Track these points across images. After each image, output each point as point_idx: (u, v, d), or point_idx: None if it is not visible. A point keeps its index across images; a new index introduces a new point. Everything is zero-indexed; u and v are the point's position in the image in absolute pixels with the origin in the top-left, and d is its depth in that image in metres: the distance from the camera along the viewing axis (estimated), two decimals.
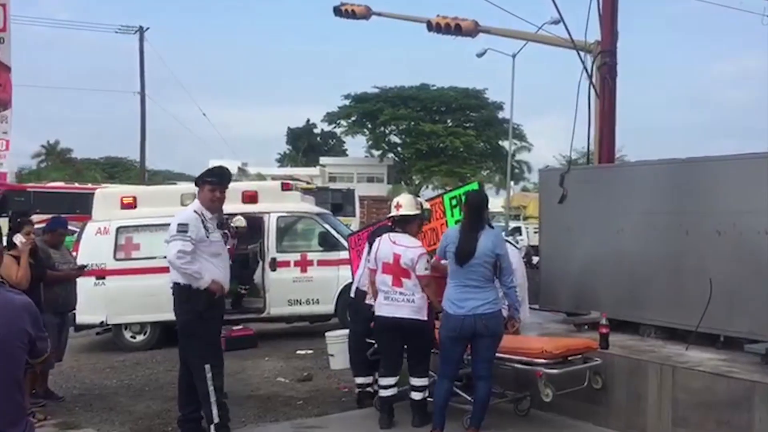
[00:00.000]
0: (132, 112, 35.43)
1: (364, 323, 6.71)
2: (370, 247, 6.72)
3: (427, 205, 6.99)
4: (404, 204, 6.42)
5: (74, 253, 10.83)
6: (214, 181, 5.95)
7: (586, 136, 7.55)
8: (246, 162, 56.29)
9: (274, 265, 11.19)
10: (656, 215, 6.59)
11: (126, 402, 7.47)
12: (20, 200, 32.25)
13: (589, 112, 7.53)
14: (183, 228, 5.64)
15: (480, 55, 29.58)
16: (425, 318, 6.10)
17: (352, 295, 7.14)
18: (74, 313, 10.34)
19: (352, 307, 7.14)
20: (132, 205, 11.01)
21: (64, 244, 7.79)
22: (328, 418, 6.63)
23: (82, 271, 7.69)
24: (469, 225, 5.62)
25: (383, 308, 6.19)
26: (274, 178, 29.44)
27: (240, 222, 10.96)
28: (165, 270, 6.18)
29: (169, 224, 7.64)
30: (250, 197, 11.39)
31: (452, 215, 8.44)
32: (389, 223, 6.94)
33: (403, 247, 6.17)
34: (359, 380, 6.93)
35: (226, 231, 10.54)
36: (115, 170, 63.30)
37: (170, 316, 6.69)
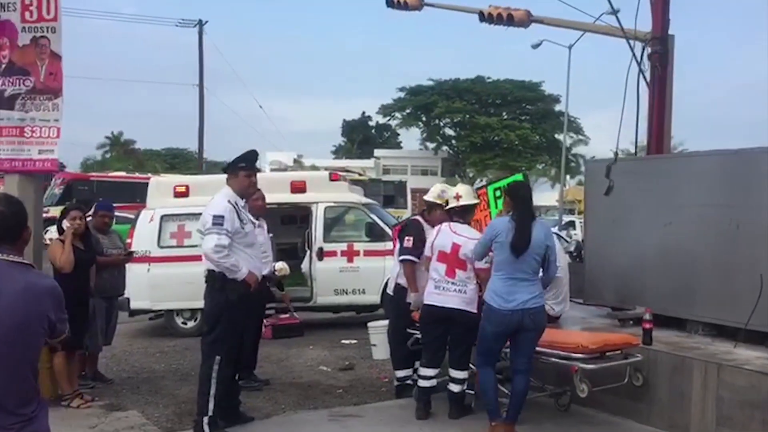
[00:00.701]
0: (193, 105, 36.01)
1: (404, 317, 6.69)
2: (401, 244, 6.69)
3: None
4: (464, 194, 6.39)
5: (129, 240, 11.14)
6: (249, 166, 5.97)
7: (635, 127, 7.37)
8: (302, 154, 56.89)
9: (321, 254, 11.24)
10: (706, 208, 6.39)
11: (171, 386, 7.60)
12: (84, 189, 33.34)
13: (638, 102, 7.35)
14: (219, 221, 5.56)
15: (535, 47, 29.15)
16: (475, 311, 6.03)
17: (389, 291, 7.11)
18: (128, 298, 10.75)
19: (391, 302, 7.10)
20: (185, 194, 11.18)
21: (112, 229, 7.94)
22: (366, 408, 6.64)
23: (130, 256, 7.83)
24: (523, 215, 5.46)
25: (433, 297, 6.14)
26: (327, 169, 29.67)
27: (284, 271, 10.92)
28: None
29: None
30: (298, 187, 11.47)
31: (496, 206, 8.36)
32: (420, 218, 6.93)
33: (465, 237, 6.11)
34: (400, 373, 6.91)
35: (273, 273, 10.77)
36: (176, 161, 64.59)
37: None
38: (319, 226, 11.33)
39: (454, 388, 6.13)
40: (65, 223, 6.88)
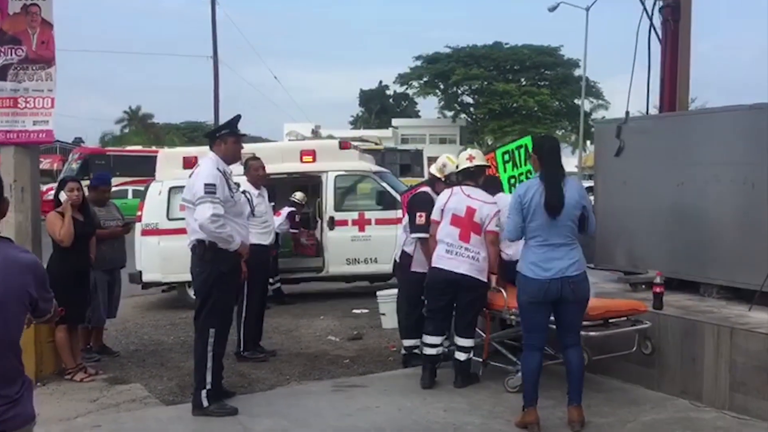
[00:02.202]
0: (210, 78, 35.72)
1: (412, 285, 6.53)
2: (411, 219, 6.51)
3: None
4: (477, 156, 6.23)
5: (139, 213, 11.07)
6: (238, 131, 5.80)
7: (646, 85, 7.08)
8: (319, 125, 56.55)
9: (332, 224, 11.13)
10: (720, 167, 6.12)
11: (178, 358, 7.53)
12: (101, 163, 33.46)
13: (649, 58, 7.04)
14: (211, 189, 5.33)
15: (552, 9, 28.61)
16: (485, 280, 5.87)
17: (397, 258, 6.96)
18: (140, 271, 10.70)
19: (400, 270, 6.94)
20: (193, 165, 11.02)
21: (110, 200, 7.84)
22: (371, 377, 6.52)
23: (127, 228, 7.72)
24: (553, 173, 4.90)
25: (443, 261, 5.93)
26: (343, 139, 29.44)
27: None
28: None
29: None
30: (308, 156, 11.31)
31: (504, 171, 8.16)
32: (426, 188, 6.74)
33: (480, 201, 5.93)
34: (407, 342, 6.76)
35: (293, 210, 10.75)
36: (195, 134, 64.68)
37: None
38: (330, 195, 11.21)
39: (460, 356, 5.98)
40: (63, 195, 6.76)
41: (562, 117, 55.32)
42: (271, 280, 10.61)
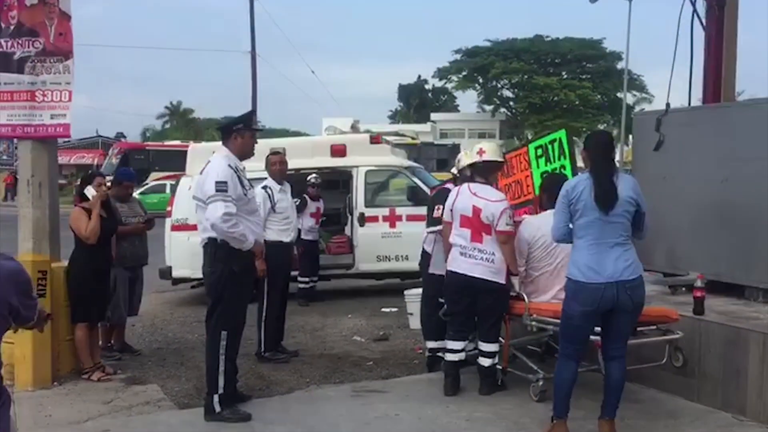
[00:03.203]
0: (249, 73, 35.84)
1: (430, 287, 6.25)
2: (430, 213, 6.25)
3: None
4: (488, 150, 5.80)
5: (169, 208, 10.96)
6: (254, 127, 5.58)
7: (689, 75, 6.66)
8: (358, 119, 56.43)
9: (363, 220, 10.93)
10: (764, 162, 5.70)
11: (199, 357, 7.28)
12: (140, 158, 33.81)
13: (692, 44, 6.62)
14: (222, 186, 5.11)
15: (594, 0, 27.85)
16: (503, 281, 5.56)
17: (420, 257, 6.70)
18: (170, 267, 10.59)
19: (423, 269, 6.67)
20: None
21: (133, 196, 7.69)
22: (392, 382, 6.25)
23: (150, 224, 7.55)
24: (603, 167, 4.49)
25: (458, 264, 5.66)
26: (380, 134, 29.23)
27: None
28: None
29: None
30: (339, 151, 11.12)
31: (537, 166, 7.80)
32: (450, 185, 6.46)
33: (485, 200, 5.61)
34: (431, 344, 6.49)
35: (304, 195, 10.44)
36: None
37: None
38: (360, 191, 11.00)
39: (485, 362, 5.69)
40: (90, 191, 6.61)
41: (604, 111, 54.37)
42: (306, 279, 10.54)
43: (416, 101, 71.69)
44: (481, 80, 57.52)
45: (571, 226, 4.58)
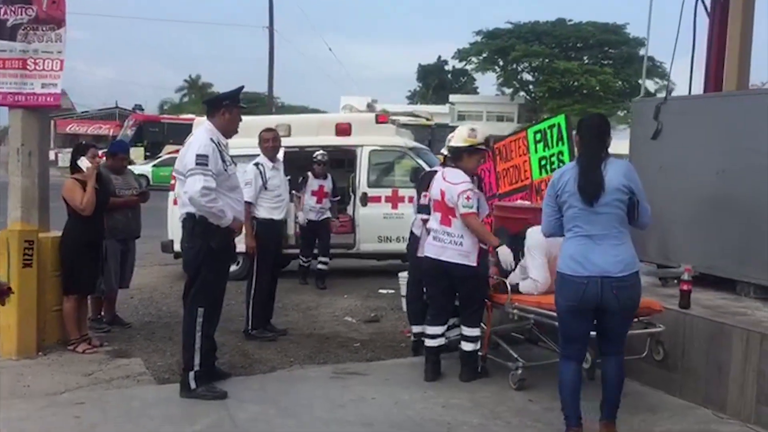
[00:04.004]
0: (276, 49, 35.83)
1: (417, 270, 6.19)
2: (417, 191, 6.19)
3: (483, 132, 5.95)
4: (455, 135, 5.77)
5: (172, 182, 10.92)
6: (242, 102, 5.50)
7: (690, 62, 6.47)
8: (376, 99, 56.13)
9: (365, 200, 10.85)
10: (764, 154, 5.55)
11: None
12: (155, 131, 33.95)
13: (694, 32, 6.43)
14: (203, 160, 5.03)
15: None
16: (474, 263, 5.47)
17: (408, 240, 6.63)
18: (171, 240, 10.54)
19: (410, 252, 6.59)
20: None
21: (127, 169, 7.65)
22: (375, 365, 6.21)
23: (144, 197, 7.51)
24: (588, 154, 4.26)
25: (429, 248, 5.66)
26: (396, 114, 29.06)
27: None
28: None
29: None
30: (343, 130, 11.01)
31: (536, 151, 7.70)
32: (439, 168, 6.36)
33: (449, 183, 5.57)
34: (416, 329, 6.43)
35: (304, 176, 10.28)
36: (254, 105, 65.12)
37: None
38: (364, 171, 10.92)
39: (466, 346, 5.63)
40: (84, 162, 6.56)
41: (625, 97, 53.57)
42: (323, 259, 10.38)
43: (435, 82, 71.16)
44: (501, 63, 56.93)
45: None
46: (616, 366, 4.35)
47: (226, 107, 5.40)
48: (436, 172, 6.23)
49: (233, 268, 10.56)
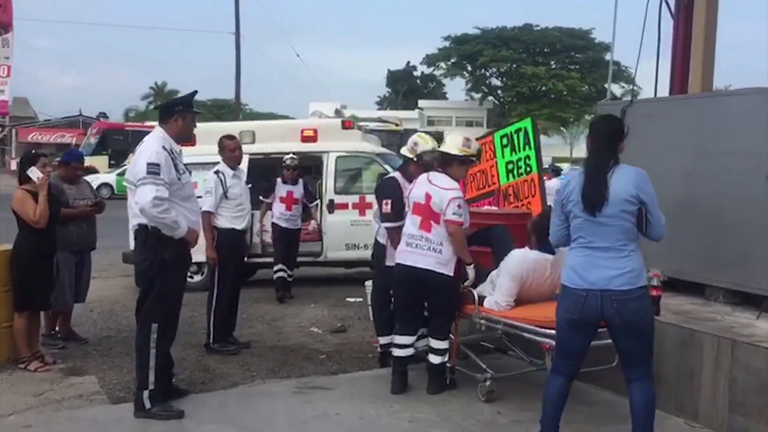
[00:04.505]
0: (244, 55, 35.47)
1: (385, 280, 5.99)
2: (379, 204, 5.99)
3: (476, 144, 5.79)
4: (447, 141, 5.58)
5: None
6: (193, 108, 5.30)
7: (655, 63, 6.40)
8: (345, 105, 55.90)
9: (332, 207, 10.66)
10: (732, 157, 5.48)
11: None
12: (119, 139, 33.37)
13: (659, 34, 6.37)
14: (154, 169, 4.81)
15: None
16: (451, 273, 5.27)
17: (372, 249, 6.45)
18: (132, 250, 10.24)
19: (375, 261, 6.42)
20: (192, 143, 10.57)
21: (81, 179, 7.38)
22: (340, 378, 6.02)
23: (99, 207, 7.24)
24: (595, 160, 4.01)
25: (404, 255, 5.42)
26: (365, 120, 28.94)
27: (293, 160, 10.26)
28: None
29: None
30: (309, 136, 10.83)
31: (503, 156, 7.60)
32: (396, 174, 6.21)
33: (436, 187, 5.35)
34: (383, 340, 6.25)
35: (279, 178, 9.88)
36: (222, 112, 64.59)
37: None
38: (330, 177, 10.73)
39: (434, 359, 5.45)
40: (35, 172, 6.28)
41: (592, 101, 54.07)
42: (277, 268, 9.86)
43: (404, 88, 71.30)
44: (469, 68, 57.22)
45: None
46: (641, 392, 4.00)
47: (179, 113, 5.19)
48: (394, 178, 6.08)
49: (197, 278, 10.43)
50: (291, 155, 10.10)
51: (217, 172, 6.92)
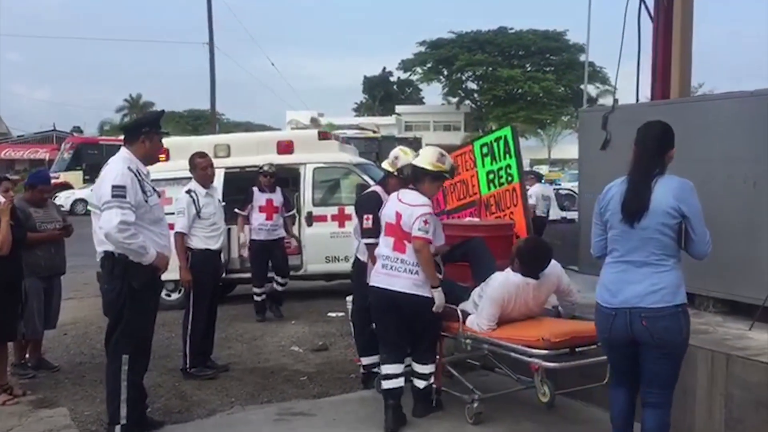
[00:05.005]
0: (219, 65, 35.19)
1: (366, 297, 5.73)
2: (360, 219, 5.77)
3: (450, 161, 5.48)
4: (421, 155, 5.28)
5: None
6: (160, 128, 5.09)
7: (636, 67, 6.27)
8: (322, 113, 55.81)
9: (311, 219, 10.46)
10: (717, 163, 5.37)
11: None
12: (93, 153, 32.89)
13: (639, 38, 6.24)
14: (120, 192, 4.58)
15: None
16: (428, 295, 4.98)
17: (352, 266, 6.24)
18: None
19: (355, 279, 6.21)
20: (165, 158, 10.31)
21: (49, 200, 7.12)
22: (322, 402, 5.80)
23: (67, 231, 6.96)
24: (639, 167, 3.81)
25: (379, 278, 5.13)
26: (341, 127, 28.82)
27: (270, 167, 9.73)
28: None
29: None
30: (285, 147, 10.64)
31: (483, 165, 7.43)
32: (377, 188, 5.97)
33: (406, 204, 5.05)
34: (365, 361, 6.04)
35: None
36: (198, 122, 64.16)
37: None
38: (308, 189, 10.54)
39: (419, 383, 5.21)
40: None
41: (568, 102, 54.50)
42: (257, 290, 9.43)
43: (381, 94, 71.26)
44: (445, 72, 57.28)
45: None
46: (655, 420, 3.78)
47: (146, 134, 4.97)
48: (375, 192, 5.86)
49: (175, 296, 10.17)
50: (269, 162, 9.70)
51: (189, 192, 6.69)
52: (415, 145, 29.15)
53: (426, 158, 5.17)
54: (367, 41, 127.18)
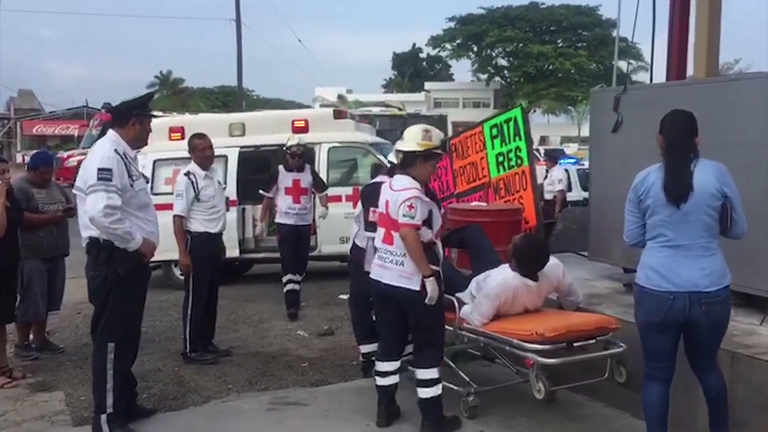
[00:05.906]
0: (248, 42, 35.10)
1: (363, 284, 5.41)
2: (364, 215, 5.53)
3: (438, 133, 4.95)
4: (405, 138, 4.84)
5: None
6: (150, 111, 4.95)
7: (650, 46, 5.94)
8: (350, 89, 55.47)
9: (325, 199, 10.29)
10: (733, 148, 5.05)
11: None
12: None
13: (654, 15, 5.90)
14: (106, 174, 4.43)
15: None
16: (416, 287, 4.58)
17: (349, 252, 6.06)
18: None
19: (352, 265, 6.03)
20: (181, 136, 10.24)
21: (52, 181, 7.04)
22: (319, 391, 5.68)
23: (70, 212, 6.87)
24: (677, 151, 3.84)
25: (374, 270, 4.86)
26: (367, 104, 28.52)
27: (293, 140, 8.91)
28: None
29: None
30: (300, 127, 10.45)
31: (492, 147, 7.22)
32: (384, 177, 5.64)
33: (394, 191, 4.72)
34: (364, 349, 5.90)
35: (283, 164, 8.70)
36: (229, 98, 64.23)
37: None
38: (323, 169, 10.35)
39: (423, 393, 4.70)
40: None
41: (600, 79, 53.41)
42: (287, 278, 8.65)
43: (411, 70, 70.62)
44: (475, 48, 56.60)
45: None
46: (716, 378, 3.96)
47: (137, 117, 4.82)
48: (381, 183, 5.60)
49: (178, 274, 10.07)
50: (297, 141, 8.90)
51: (187, 174, 6.56)
52: (440, 123, 28.83)
53: (411, 139, 4.76)
54: (396, 17, 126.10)
